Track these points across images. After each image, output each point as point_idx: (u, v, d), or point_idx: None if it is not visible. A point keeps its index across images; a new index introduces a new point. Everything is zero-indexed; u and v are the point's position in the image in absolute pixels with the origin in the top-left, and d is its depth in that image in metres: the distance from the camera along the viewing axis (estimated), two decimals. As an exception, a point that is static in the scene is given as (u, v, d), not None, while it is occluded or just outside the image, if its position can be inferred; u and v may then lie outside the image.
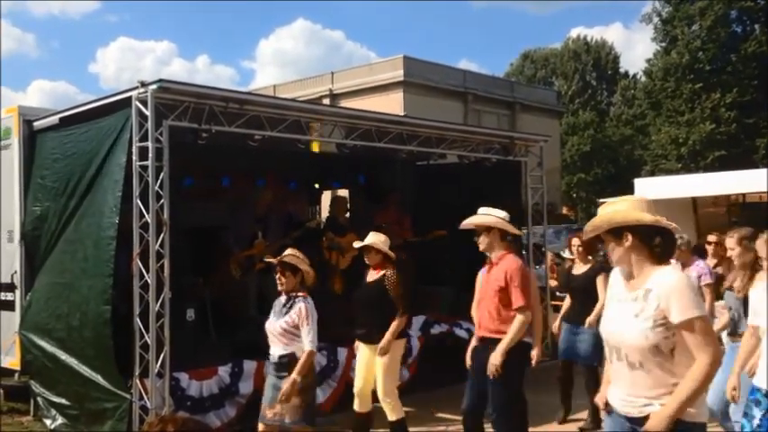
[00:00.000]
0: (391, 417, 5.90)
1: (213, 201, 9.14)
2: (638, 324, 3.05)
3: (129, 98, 6.06)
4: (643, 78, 43.77)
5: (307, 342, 5.03)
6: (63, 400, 6.69)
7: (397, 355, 5.95)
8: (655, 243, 3.13)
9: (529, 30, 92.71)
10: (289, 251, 5.30)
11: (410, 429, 6.14)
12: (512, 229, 5.41)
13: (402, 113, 17.87)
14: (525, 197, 9.73)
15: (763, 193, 12.61)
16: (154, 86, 5.89)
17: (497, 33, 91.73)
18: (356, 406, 6.10)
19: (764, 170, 12.76)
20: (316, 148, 9.49)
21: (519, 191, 9.82)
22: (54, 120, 7.23)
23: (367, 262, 6.04)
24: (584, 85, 52.33)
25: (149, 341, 5.92)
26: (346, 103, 30.21)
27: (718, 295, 6.71)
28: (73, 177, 6.83)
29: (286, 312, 5.14)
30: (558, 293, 12.42)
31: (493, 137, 9.76)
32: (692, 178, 16.63)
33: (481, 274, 5.58)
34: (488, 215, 5.38)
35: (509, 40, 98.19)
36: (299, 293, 5.19)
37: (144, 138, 5.94)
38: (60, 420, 6.68)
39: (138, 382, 5.95)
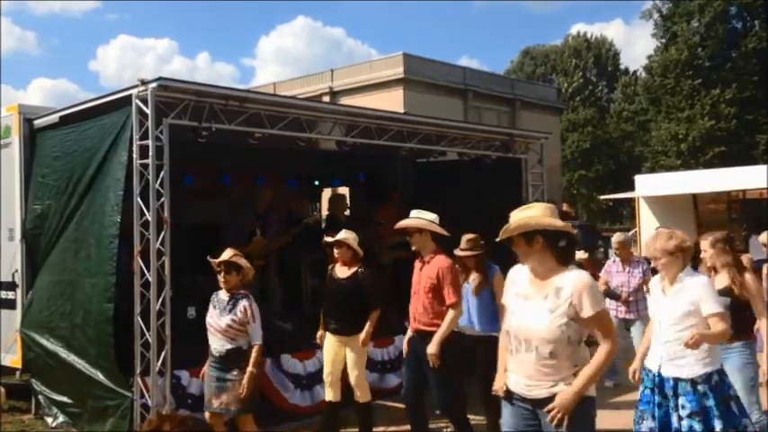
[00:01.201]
0: (363, 399, 6.17)
1: (214, 198, 9.15)
2: (553, 319, 3.42)
3: (130, 96, 6.06)
4: (643, 75, 43.76)
5: (256, 337, 5.38)
6: (64, 399, 6.70)
7: (365, 346, 6.24)
8: (560, 246, 3.49)
9: (530, 27, 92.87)
10: (229, 251, 5.52)
11: (410, 427, 6.17)
12: (440, 231, 5.77)
13: (402, 111, 17.88)
14: (526, 194, 9.73)
15: (764, 189, 12.62)
16: (154, 84, 5.89)
17: (498, 30, 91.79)
18: (328, 396, 6.23)
19: (764, 166, 12.77)
20: None
21: (519, 188, 9.82)
22: (54, 118, 7.23)
23: (336, 257, 6.24)
24: (584, 81, 52.31)
25: (150, 339, 5.93)
26: (346, 101, 30.21)
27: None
28: (74, 175, 6.83)
29: (230, 310, 5.41)
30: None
31: (493, 134, 9.75)
32: (692, 175, 16.62)
33: (416, 270, 5.92)
34: (419, 218, 5.78)
35: (510, 37, 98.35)
36: (241, 291, 5.49)
37: (144, 136, 5.93)
38: (62, 418, 6.69)
39: (139, 380, 5.96)
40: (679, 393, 4.35)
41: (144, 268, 5.99)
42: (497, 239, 3.65)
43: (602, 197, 30.05)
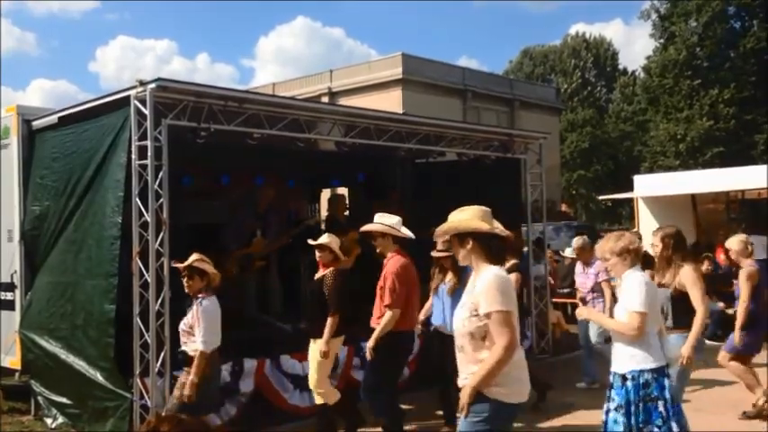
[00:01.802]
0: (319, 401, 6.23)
1: (212, 199, 9.14)
2: (460, 314, 3.70)
3: (128, 97, 6.06)
4: (642, 75, 43.79)
5: (198, 342, 5.20)
6: (64, 399, 6.70)
7: (330, 352, 6.15)
8: (491, 247, 3.73)
9: (529, 27, 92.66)
10: (194, 256, 5.42)
11: (411, 427, 6.19)
12: (402, 234, 6.02)
13: (401, 111, 17.88)
14: (525, 194, 9.74)
15: (762, 189, 12.63)
16: (152, 85, 5.89)
17: (498, 30, 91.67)
18: (317, 399, 6.29)
19: (763, 167, 12.78)
20: None
21: (518, 188, 9.83)
22: (53, 119, 7.23)
23: (318, 260, 6.30)
24: (583, 82, 52.32)
25: (149, 340, 5.93)
26: (345, 101, 30.20)
27: None
28: (72, 177, 6.83)
29: (187, 313, 5.36)
30: (558, 290, 12.45)
31: (492, 134, 9.76)
32: (691, 175, 16.61)
33: None
34: (381, 223, 6.03)
35: (510, 37, 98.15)
36: (200, 295, 5.34)
37: (143, 137, 5.94)
38: (61, 419, 6.69)
39: (138, 381, 5.96)
40: (613, 387, 4.49)
41: (143, 269, 5.98)
42: (434, 239, 3.91)
43: (600, 197, 30.04)
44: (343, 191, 11.49)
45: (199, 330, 5.20)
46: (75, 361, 6.48)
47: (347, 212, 10.09)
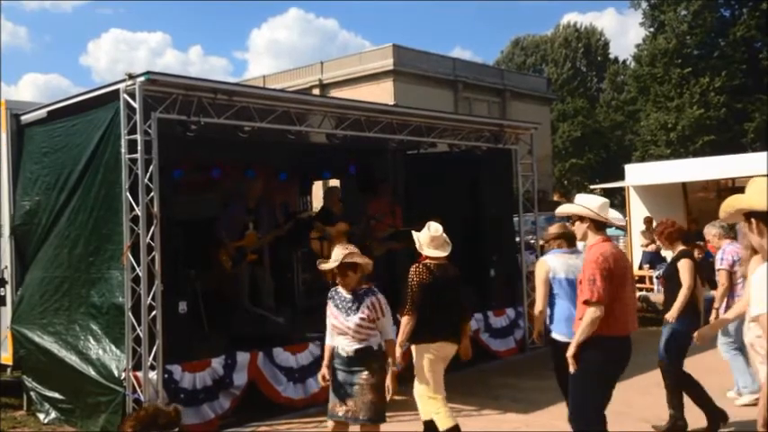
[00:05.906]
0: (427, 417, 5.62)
1: (204, 193, 9.12)
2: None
3: (117, 91, 6.03)
4: (633, 64, 43.87)
5: (388, 333, 4.95)
6: (56, 395, 6.69)
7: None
8: None
9: (523, 17, 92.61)
10: (339, 251, 4.94)
11: (406, 417, 6.18)
12: (604, 219, 4.93)
13: (392, 102, 17.85)
14: (516, 185, 9.75)
15: (753, 177, 12.69)
16: (142, 79, 5.86)
17: (492, 21, 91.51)
18: (425, 413, 5.65)
19: (754, 154, 12.83)
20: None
21: (510, 178, 9.84)
22: (42, 113, 7.18)
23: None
24: (574, 71, 52.36)
25: (141, 334, 5.92)
26: (336, 93, 30.16)
27: None
28: (63, 171, 6.80)
29: (357, 308, 4.86)
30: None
31: (483, 125, 9.75)
32: (681, 163, 16.66)
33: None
34: (580, 205, 5.03)
35: (504, 28, 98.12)
36: (364, 287, 4.96)
37: (133, 130, 5.91)
38: (54, 414, 6.68)
39: (131, 375, 5.95)
40: None
41: (134, 263, 5.97)
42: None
43: (592, 186, 30.11)
44: (335, 183, 11.47)
45: (383, 320, 4.88)
46: (68, 356, 6.47)
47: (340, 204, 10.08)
